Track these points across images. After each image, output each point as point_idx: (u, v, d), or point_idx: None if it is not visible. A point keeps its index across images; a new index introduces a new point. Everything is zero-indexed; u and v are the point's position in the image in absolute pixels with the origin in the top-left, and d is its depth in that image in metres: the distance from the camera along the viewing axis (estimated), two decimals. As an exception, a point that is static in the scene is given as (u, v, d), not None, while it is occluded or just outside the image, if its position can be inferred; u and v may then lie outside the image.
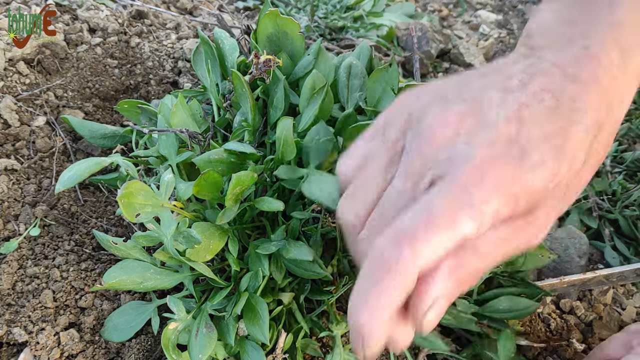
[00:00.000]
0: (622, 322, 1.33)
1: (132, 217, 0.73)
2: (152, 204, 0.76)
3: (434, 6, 2.93)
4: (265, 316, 0.82)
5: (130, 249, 0.88)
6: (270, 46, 1.06)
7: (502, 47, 2.61)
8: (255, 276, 0.87)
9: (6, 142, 1.19)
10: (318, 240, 0.90)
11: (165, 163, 0.97)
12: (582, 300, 1.37)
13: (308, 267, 0.85)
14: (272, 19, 1.03)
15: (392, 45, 2.25)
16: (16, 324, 0.93)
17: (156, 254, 0.84)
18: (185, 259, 0.82)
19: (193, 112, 1.03)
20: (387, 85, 0.98)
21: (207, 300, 0.88)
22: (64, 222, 1.12)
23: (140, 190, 0.74)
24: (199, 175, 0.78)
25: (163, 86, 1.47)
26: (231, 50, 1.11)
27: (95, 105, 1.35)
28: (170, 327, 0.84)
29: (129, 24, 1.58)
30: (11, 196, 1.10)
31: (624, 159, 1.70)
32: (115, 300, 1.02)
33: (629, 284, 1.43)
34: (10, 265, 1.00)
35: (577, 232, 1.45)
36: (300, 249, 0.82)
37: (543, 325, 1.27)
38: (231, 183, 0.79)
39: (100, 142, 1.17)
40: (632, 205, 1.56)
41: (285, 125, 0.86)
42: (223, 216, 0.83)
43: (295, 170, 0.87)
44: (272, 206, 0.84)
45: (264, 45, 1.06)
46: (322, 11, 2.22)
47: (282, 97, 0.98)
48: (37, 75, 1.31)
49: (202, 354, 0.81)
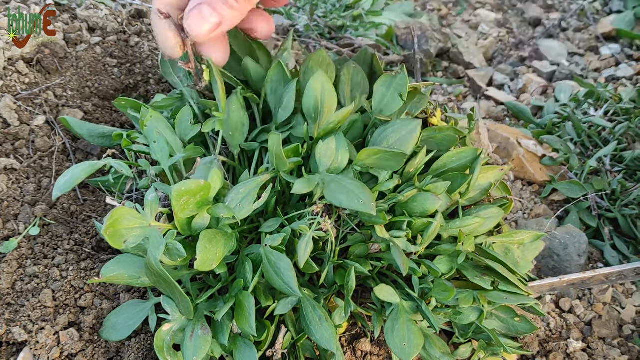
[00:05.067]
0: (622, 321, 1.33)
1: (120, 245, 0.75)
2: (139, 225, 0.77)
3: (433, 5, 2.93)
4: (252, 309, 0.82)
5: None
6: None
7: (501, 46, 2.61)
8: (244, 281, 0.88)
9: (6, 142, 1.19)
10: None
11: (156, 167, 0.99)
12: (582, 299, 1.37)
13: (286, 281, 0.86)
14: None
15: (392, 44, 2.25)
16: (16, 324, 0.93)
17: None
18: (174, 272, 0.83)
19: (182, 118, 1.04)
20: (395, 91, 0.99)
21: (200, 297, 0.89)
22: (64, 222, 1.12)
23: (125, 215, 0.75)
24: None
25: (162, 85, 1.47)
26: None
27: (94, 104, 1.35)
28: (165, 328, 0.84)
29: (129, 23, 1.58)
30: (11, 195, 1.10)
31: (623, 158, 1.70)
32: (114, 299, 1.02)
33: (629, 282, 1.43)
34: (10, 265, 1.00)
35: (576, 231, 1.45)
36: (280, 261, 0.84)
37: (542, 325, 1.27)
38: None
39: (99, 142, 1.17)
40: (631, 204, 1.57)
41: (274, 141, 0.88)
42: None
43: (310, 180, 0.89)
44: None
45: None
46: (322, 10, 2.22)
47: (293, 98, 0.99)
48: (37, 74, 1.31)
49: (196, 355, 0.81)
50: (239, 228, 0.93)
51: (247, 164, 1.08)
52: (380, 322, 0.95)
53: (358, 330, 1.07)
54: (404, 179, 1.00)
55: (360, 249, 0.99)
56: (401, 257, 0.87)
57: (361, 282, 1.02)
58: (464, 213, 1.02)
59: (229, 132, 1.02)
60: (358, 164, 0.93)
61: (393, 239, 0.91)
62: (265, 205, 0.96)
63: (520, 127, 1.96)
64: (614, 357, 1.21)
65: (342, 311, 0.91)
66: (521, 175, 1.70)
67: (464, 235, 0.96)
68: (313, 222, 0.88)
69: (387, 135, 0.96)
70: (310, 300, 0.88)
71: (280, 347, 0.90)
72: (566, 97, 2.04)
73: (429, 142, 1.05)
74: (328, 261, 0.94)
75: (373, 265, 0.99)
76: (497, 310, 1.04)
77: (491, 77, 2.31)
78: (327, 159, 0.91)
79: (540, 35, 2.65)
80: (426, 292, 0.95)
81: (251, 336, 0.86)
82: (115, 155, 1.10)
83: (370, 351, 1.04)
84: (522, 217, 1.58)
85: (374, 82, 1.03)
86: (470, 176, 0.98)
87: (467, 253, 0.96)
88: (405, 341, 0.87)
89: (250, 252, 0.91)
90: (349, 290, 0.89)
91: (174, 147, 0.99)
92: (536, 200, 1.63)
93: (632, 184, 1.60)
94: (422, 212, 0.94)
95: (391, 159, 0.91)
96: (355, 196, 0.83)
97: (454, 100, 2.14)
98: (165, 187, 0.91)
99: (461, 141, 1.09)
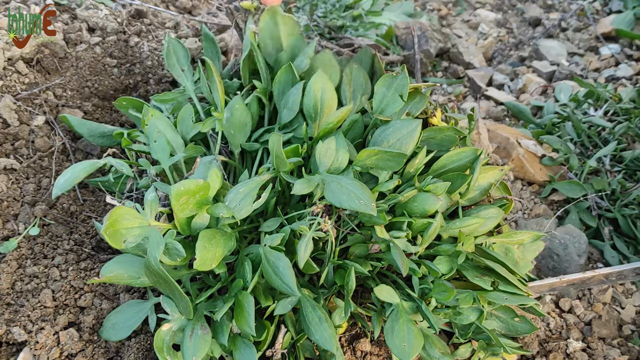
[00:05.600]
0: (622, 321, 1.33)
1: (120, 244, 0.74)
2: (138, 225, 0.77)
3: (433, 5, 2.93)
4: (251, 308, 0.82)
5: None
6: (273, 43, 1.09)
7: (501, 46, 2.61)
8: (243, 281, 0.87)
9: (5, 142, 1.19)
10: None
11: (157, 166, 0.98)
12: (582, 299, 1.37)
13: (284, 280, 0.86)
14: (272, 16, 1.05)
15: (391, 44, 2.25)
16: (15, 324, 0.93)
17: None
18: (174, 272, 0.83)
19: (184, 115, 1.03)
20: (395, 91, 0.99)
21: (199, 297, 0.89)
22: (64, 222, 1.12)
23: (125, 214, 0.75)
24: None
25: (162, 85, 1.46)
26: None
27: (94, 104, 1.35)
28: (164, 328, 0.84)
29: (128, 23, 1.58)
30: (10, 195, 1.10)
31: (623, 158, 1.70)
32: (114, 299, 1.02)
33: (628, 282, 1.43)
34: (10, 265, 1.00)
35: (576, 231, 1.45)
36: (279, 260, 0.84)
37: (542, 325, 1.27)
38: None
39: (99, 141, 1.17)
40: (631, 204, 1.56)
41: (274, 141, 0.88)
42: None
43: (310, 181, 0.88)
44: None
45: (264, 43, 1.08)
46: (322, 10, 2.21)
47: (299, 99, 0.99)
48: (37, 74, 1.31)
49: (196, 355, 0.81)
50: (238, 228, 0.93)
51: (249, 164, 1.09)
52: (380, 323, 0.95)
53: (358, 330, 1.07)
54: (404, 179, 1.00)
55: (360, 249, 0.99)
56: (401, 258, 0.87)
57: (361, 282, 1.02)
58: (464, 213, 1.02)
59: (230, 131, 1.02)
60: (358, 164, 0.93)
61: (393, 239, 0.91)
62: (265, 205, 0.96)
63: (520, 127, 1.96)
64: (614, 357, 1.21)
65: (342, 311, 0.91)
66: (521, 175, 1.70)
67: (464, 236, 0.96)
68: (313, 223, 0.88)
69: (387, 135, 0.96)
70: (310, 301, 0.88)
71: (280, 347, 0.90)
72: (566, 97, 2.04)
73: (429, 142, 1.05)
74: (328, 261, 0.94)
75: (373, 266, 0.99)
76: (497, 311, 1.04)
77: (491, 77, 2.31)
78: (327, 159, 0.91)
79: (540, 35, 2.65)
80: (426, 292, 0.95)
81: (250, 336, 0.85)
82: (115, 154, 1.10)
83: (370, 351, 1.04)
84: (522, 217, 1.58)
85: (375, 82, 1.03)
86: (470, 176, 0.98)
87: (467, 253, 0.96)
88: (405, 341, 0.87)
89: (249, 251, 0.91)
90: (349, 291, 0.89)
91: (174, 146, 0.99)
92: (536, 200, 1.63)
93: (631, 184, 1.60)
94: (422, 213, 0.94)
95: (391, 159, 0.91)
96: (355, 196, 0.83)
97: (453, 100, 2.14)
98: (165, 187, 0.91)
99: (461, 141, 1.09)
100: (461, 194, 1.01)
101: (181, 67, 1.13)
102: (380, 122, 0.99)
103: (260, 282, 0.91)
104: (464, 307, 0.95)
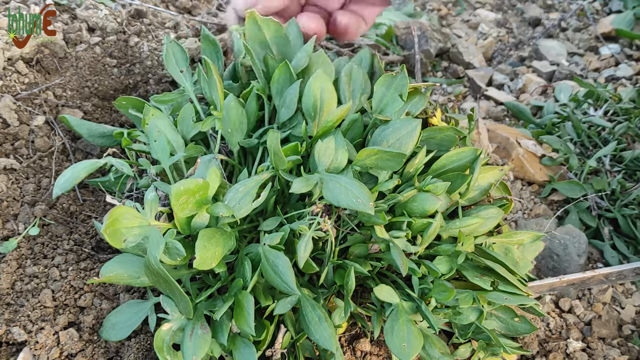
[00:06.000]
0: (622, 321, 1.33)
1: (120, 244, 0.74)
2: (138, 225, 0.77)
3: (433, 5, 2.93)
4: (251, 308, 0.82)
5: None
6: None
7: (501, 46, 2.61)
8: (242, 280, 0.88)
9: (5, 142, 1.19)
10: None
11: (157, 166, 0.98)
12: (582, 299, 1.37)
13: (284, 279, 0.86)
14: (254, 22, 1.07)
15: (391, 44, 2.25)
16: (15, 324, 0.93)
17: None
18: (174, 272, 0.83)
19: (184, 115, 1.04)
20: (395, 91, 0.99)
21: (199, 297, 0.89)
22: (63, 222, 1.12)
23: (125, 214, 0.75)
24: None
25: (162, 85, 1.46)
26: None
27: (94, 104, 1.35)
28: (164, 327, 0.84)
29: (128, 23, 1.58)
30: (10, 195, 1.10)
31: (623, 158, 1.70)
32: (114, 299, 1.02)
33: (628, 282, 1.43)
34: (10, 265, 1.00)
35: (576, 231, 1.45)
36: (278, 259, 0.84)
37: (542, 325, 1.27)
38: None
39: (99, 141, 1.17)
40: (631, 204, 1.57)
41: (273, 138, 0.88)
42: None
43: (309, 180, 0.88)
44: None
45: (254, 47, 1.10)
46: (322, 10, 2.21)
47: (296, 98, 0.99)
48: (36, 74, 1.31)
49: (196, 355, 0.81)
50: (238, 227, 0.93)
51: (250, 162, 1.09)
52: (380, 322, 0.95)
53: (358, 330, 1.07)
54: (404, 179, 1.00)
55: (360, 249, 0.99)
56: (401, 257, 0.87)
57: (361, 282, 1.02)
58: (464, 213, 1.02)
59: (227, 129, 1.02)
60: (357, 163, 0.93)
61: (393, 239, 0.91)
62: (264, 204, 0.96)
63: (520, 127, 1.96)
64: (614, 357, 1.21)
65: (342, 311, 0.91)
66: (521, 175, 1.70)
67: (464, 236, 0.96)
68: (313, 222, 0.88)
69: (386, 135, 0.96)
70: (310, 300, 0.88)
71: (280, 347, 0.90)
72: (566, 97, 2.04)
73: (428, 142, 1.05)
74: (328, 261, 0.94)
75: (373, 266, 0.99)
76: (497, 311, 1.04)
77: (491, 77, 2.31)
78: (327, 158, 0.91)
79: (540, 35, 2.65)
80: (426, 292, 0.95)
81: (250, 336, 0.85)
82: (115, 154, 1.10)
83: (369, 351, 1.04)
84: (522, 217, 1.58)
85: (374, 82, 1.03)
86: (470, 176, 0.98)
87: (466, 253, 0.96)
88: (404, 341, 0.87)
89: (249, 251, 0.91)
90: (349, 291, 0.89)
91: (175, 145, 0.99)
92: (536, 200, 1.63)
93: (631, 184, 1.60)
94: (421, 212, 0.94)
95: (391, 159, 0.91)
96: (353, 195, 0.82)
97: (453, 100, 2.14)
98: (165, 186, 0.91)
99: (461, 141, 1.09)
100: (461, 194, 1.01)
101: (180, 68, 1.13)
102: (379, 122, 0.99)
103: (260, 282, 0.91)
104: (464, 307, 0.95)
